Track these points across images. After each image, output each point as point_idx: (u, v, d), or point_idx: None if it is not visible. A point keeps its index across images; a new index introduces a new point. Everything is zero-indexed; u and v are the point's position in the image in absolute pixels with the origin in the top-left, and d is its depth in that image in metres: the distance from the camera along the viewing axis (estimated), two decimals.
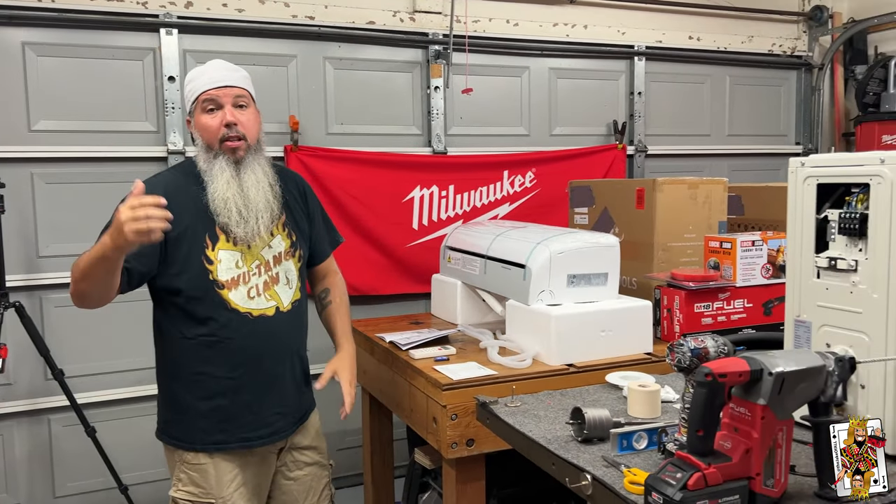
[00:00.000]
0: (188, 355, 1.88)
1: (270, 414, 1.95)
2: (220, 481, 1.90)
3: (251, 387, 1.91)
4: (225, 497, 1.90)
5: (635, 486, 1.25)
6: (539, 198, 3.68)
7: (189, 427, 1.90)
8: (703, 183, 2.63)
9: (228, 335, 1.87)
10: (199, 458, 1.90)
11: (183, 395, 1.90)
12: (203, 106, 1.87)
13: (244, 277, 1.89)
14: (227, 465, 1.91)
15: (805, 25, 4.39)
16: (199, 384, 1.88)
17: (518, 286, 2.29)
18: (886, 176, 1.35)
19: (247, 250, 1.89)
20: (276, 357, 1.95)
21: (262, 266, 1.92)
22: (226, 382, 1.88)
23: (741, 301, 2.36)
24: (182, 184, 1.88)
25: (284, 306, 1.96)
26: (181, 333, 1.88)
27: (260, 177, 1.91)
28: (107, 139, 3.01)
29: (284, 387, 1.98)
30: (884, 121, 3.97)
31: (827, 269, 1.48)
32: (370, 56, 3.39)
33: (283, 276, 1.97)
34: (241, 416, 1.91)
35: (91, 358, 3.02)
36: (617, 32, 3.89)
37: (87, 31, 2.95)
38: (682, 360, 1.35)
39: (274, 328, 1.93)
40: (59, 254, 2.96)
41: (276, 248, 1.96)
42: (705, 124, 4.18)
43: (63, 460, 3.02)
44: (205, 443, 1.89)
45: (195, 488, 1.90)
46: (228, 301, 1.86)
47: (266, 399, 1.93)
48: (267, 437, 1.95)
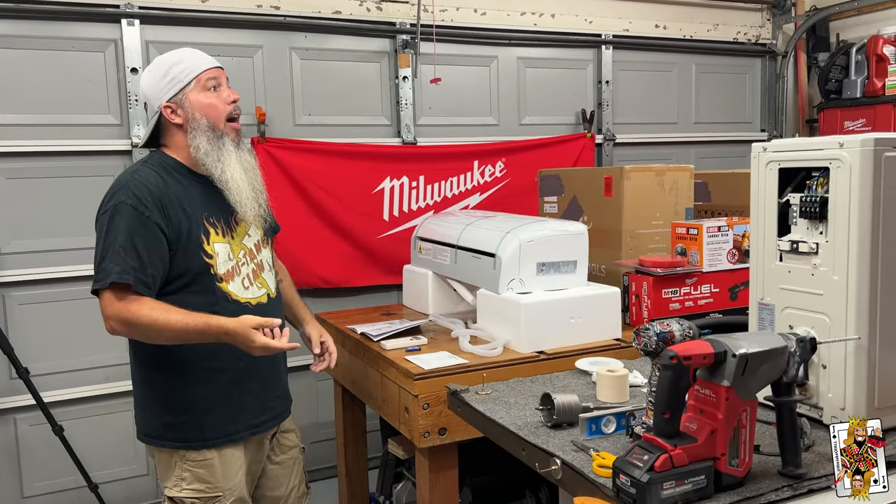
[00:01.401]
0: (192, 353, 1.82)
1: (272, 398, 1.98)
2: (226, 473, 1.88)
3: (256, 375, 1.91)
4: (232, 487, 1.89)
5: (604, 469, 1.27)
6: (509, 187, 3.69)
7: (196, 424, 1.85)
8: (670, 170, 2.66)
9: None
10: (205, 454, 1.86)
11: (188, 394, 1.85)
12: (206, 84, 1.84)
13: (236, 269, 1.88)
14: (232, 457, 1.90)
15: (769, 13, 4.45)
16: (208, 379, 1.85)
17: (488, 275, 2.30)
18: (845, 160, 1.37)
19: (232, 241, 1.88)
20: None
21: (248, 255, 1.92)
22: (234, 374, 1.87)
23: (708, 286, 2.40)
24: (166, 183, 1.81)
25: (273, 292, 1.98)
26: None
27: (250, 158, 1.93)
28: (69, 133, 2.95)
29: (279, 371, 2.02)
30: (846, 107, 4.04)
31: (789, 252, 1.50)
32: (337, 46, 3.36)
33: (265, 263, 1.98)
34: (249, 405, 1.91)
35: (57, 356, 2.96)
36: (584, 21, 3.90)
37: (47, 23, 2.89)
38: (649, 344, 1.37)
39: (269, 314, 1.88)
40: (21, 250, 2.90)
41: (254, 236, 1.95)
42: (672, 112, 4.22)
43: (31, 460, 2.96)
44: (215, 437, 1.86)
45: (201, 485, 1.86)
46: (229, 293, 1.85)
47: (268, 385, 1.96)
48: (270, 421, 1.99)
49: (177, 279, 1.80)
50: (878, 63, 3.88)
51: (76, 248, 2.93)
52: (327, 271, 3.35)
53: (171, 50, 1.92)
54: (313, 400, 3.39)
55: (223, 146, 1.84)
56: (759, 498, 1.19)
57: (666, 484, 1.14)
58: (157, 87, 1.84)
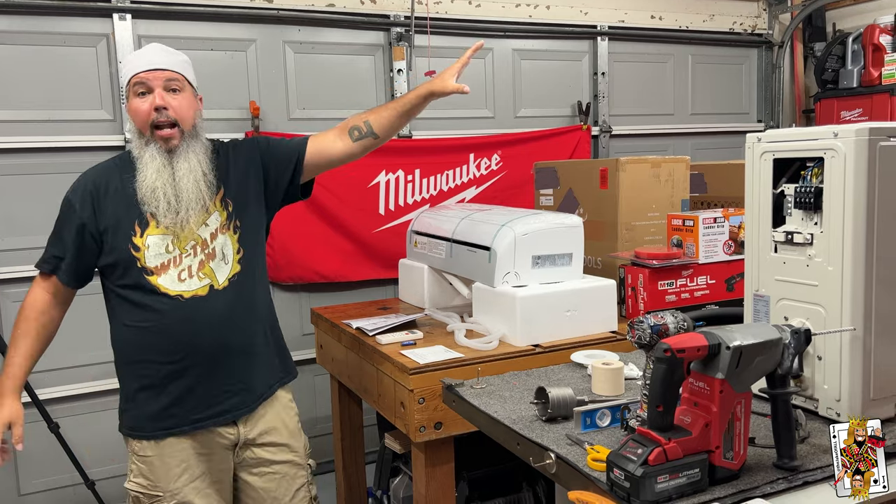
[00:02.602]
0: (130, 343, 1.88)
1: (219, 392, 1.89)
2: (167, 474, 1.87)
3: (193, 369, 1.86)
4: (173, 491, 1.87)
5: (598, 463, 1.26)
6: (505, 180, 3.67)
7: (138, 415, 1.88)
8: (666, 162, 2.64)
9: (162, 320, 1.83)
10: (146, 449, 1.88)
11: (130, 384, 1.90)
12: (134, 90, 1.83)
13: (175, 261, 1.85)
14: (174, 459, 1.87)
15: (765, 3, 4.43)
16: (143, 371, 1.87)
17: (484, 269, 2.29)
18: (840, 150, 1.36)
19: (180, 232, 1.85)
20: (216, 336, 1.87)
21: (199, 245, 1.87)
22: (168, 367, 1.85)
23: (704, 278, 2.39)
24: (113, 174, 1.88)
25: (220, 283, 1.88)
26: (123, 322, 1.88)
27: (193, 165, 1.85)
28: (62, 129, 2.93)
29: (231, 364, 1.90)
30: (842, 97, 4.03)
31: (784, 243, 1.49)
32: (331, 39, 3.34)
33: (220, 251, 1.90)
34: (188, 399, 1.87)
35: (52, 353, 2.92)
36: (579, 13, 3.88)
37: (38, 18, 2.86)
38: (643, 336, 1.36)
39: (209, 308, 1.86)
40: (15, 247, 2.88)
41: (212, 224, 1.90)
42: (668, 103, 4.20)
43: (27, 457, 2.95)
44: (154, 430, 1.87)
45: (144, 480, 1.89)
46: (158, 286, 1.83)
47: (212, 379, 1.88)
48: (219, 416, 1.89)
49: (112, 268, 1.87)
50: (875, 52, 3.86)
51: None
52: (323, 266, 3.34)
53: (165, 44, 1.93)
54: (310, 395, 3.38)
55: (145, 153, 1.83)
56: (754, 490, 1.18)
57: (660, 477, 1.14)
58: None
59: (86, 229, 1.85)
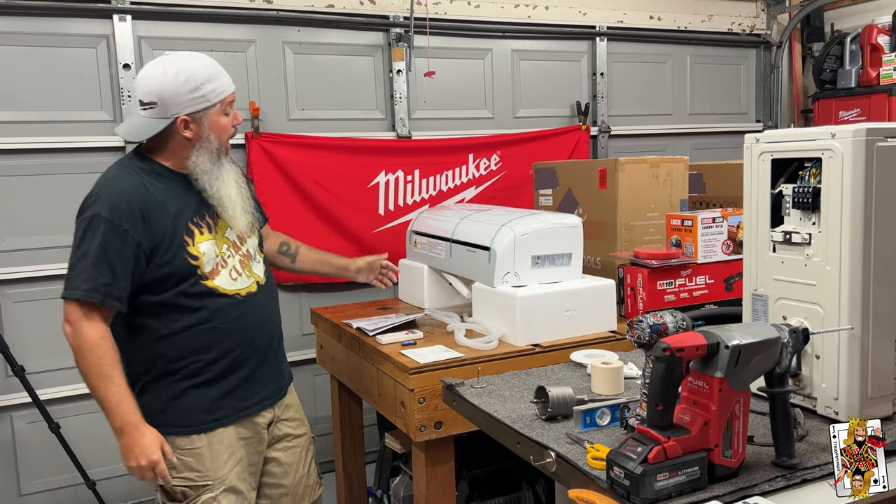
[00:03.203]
0: (180, 348, 1.86)
1: (261, 382, 2.01)
2: (215, 462, 1.91)
3: (249, 361, 1.96)
4: (222, 476, 1.92)
5: (598, 461, 1.27)
6: (504, 180, 3.68)
7: (187, 410, 1.90)
8: (665, 162, 2.65)
9: (222, 320, 1.89)
10: (195, 442, 1.90)
11: (177, 384, 1.89)
12: (227, 108, 1.89)
13: (222, 263, 1.92)
14: (222, 446, 1.93)
15: (763, 4, 4.44)
16: (194, 369, 1.89)
17: (483, 268, 2.30)
18: (837, 150, 1.37)
19: (216, 236, 1.91)
20: (265, 329, 2.01)
21: (231, 247, 1.95)
22: (224, 363, 1.91)
23: (703, 277, 2.40)
24: (148, 190, 1.83)
25: (262, 279, 2.02)
26: (169, 329, 1.86)
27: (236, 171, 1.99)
28: (62, 129, 2.94)
29: (272, 355, 2.05)
30: (840, 97, 4.04)
31: (782, 243, 1.50)
32: (330, 40, 3.35)
33: (252, 251, 2.02)
34: (239, 390, 1.96)
35: (52, 353, 2.95)
36: (578, 13, 3.89)
37: (38, 19, 2.87)
38: (642, 336, 1.37)
39: (260, 303, 1.99)
40: (15, 248, 2.89)
41: (241, 225, 1.98)
42: (667, 104, 4.21)
43: (28, 457, 2.96)
44: (205, 422, 1.91)
45: (191, 473, 1.90)
46: (216, 288, 1.89)
47: (260, 370, 2.00)
48: (259, 403, 2.01)
49: (161, 281, 1.83)
50: (873, 53, 3.88)
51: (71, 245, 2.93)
52: None
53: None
54: (310, 395, 3.39)
55: (221, 166, 1.90)
56: (752, 488, 1.19)
57: (660, 475, 1.15)
58: (179, 96, 1.81)
59: (140, 249, 1.79)
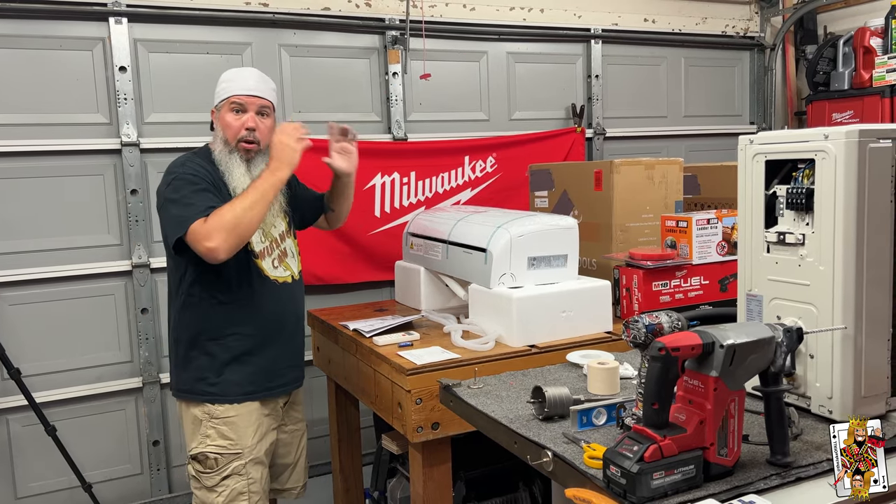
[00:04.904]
0: (222, 317, 2.11)
1: (286, 367, 2.24)
2: (245, 433, 2.13)
3: (275, 344, 2.19)
4: (251, 446, 2.14)
5: (594, 460, 1.28)
6: (500, 182, 3.69)
7: (224, 381, 2.12)
8: (660, 163, 2.67)
9: (261, 299, 2.14)
10: (229, 411, 2.12)
11: (218, 353, 2.12)
12: (231, 106, 2.13)
13: (268, 250, 2.19)
14: (250, 418, 2.15)
15: (757, 6, 4.46)
16: (237, 343, 2.12)
17: (480, 270, 2.31)
18: (830, 151, 1.38)
19: (264, 226, 2.17)
20: (293, 318, 2.26)
21: (274, 243, 2.22)
22: (259, 340, 2.15)
23: (698, 278, 2.41)
24: (210, 172, 2.10)
25: (296, 275, 2.28)
26: (216, 298, 2.10)
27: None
28: (58, 132, 2.93)
29: (296, 344, 2.29)
30: (833, 99, 4.06)
31: (776, 243, 1.51)
32: (326, 43, 3.36)
33: (289, 250, 2.28)
34: (267, 370, 2.18)
35: (48, 356, 2.95)
36: (573, 16, 3.91)
37: (34, 22, 2.87)
38: (638, 336, 1.38)
39: (292, 294, 2.25)
40: (10, 251, 2.88)
41: (279, 227, 2.25)
42: (662, 106, 4.23)
43: (24, 460, 2.96)
44: (236, 394, 2.13)
45: (224, 440, 2.12)
46: (262, 269, 2.16)
47: (286, 355, 2.24)
48: (283, 386, 2.25)
49: None
50: (866, 55, 3.90)
51: (67, 247, 2.93)
52: (319, 268, 3.35)
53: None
54: (307, 397, 3.37)
55: (231, 160, 2.12)
56: (747, 486, 1.20)
57: (656, 474, 1.16)
58: (215, 92, 2.19)
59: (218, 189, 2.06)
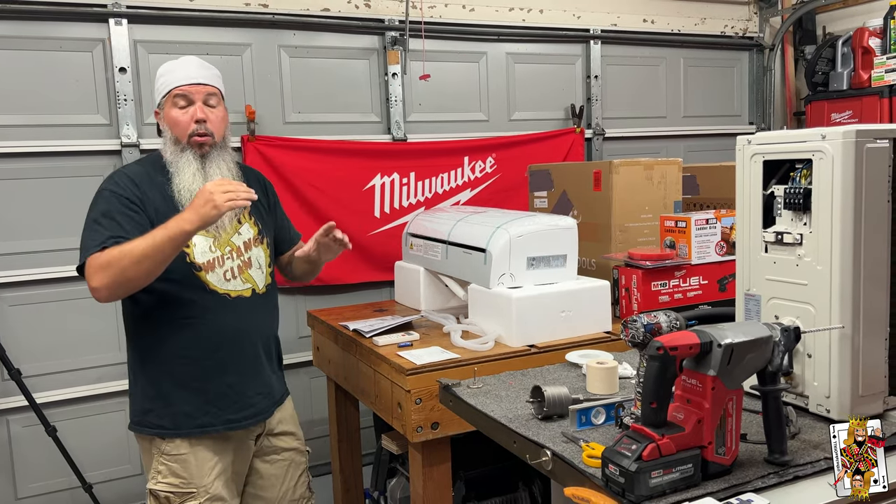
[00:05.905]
0: (169, 340, 1.91)
1: (253, 395, 2.01)
2: (200, 470, 1.93)
3: (233, 368, 1.97)
4: (206, 485, 1.93)
5: (593, 459, 1.28)
6: (500, 183, 3.70)
7: (172, 413, 1.92)
8: (659, 164, 2.67)
9: (209, 316, 1.92)
10: (180, 447, 1.92)
11: (164, 381, 1.93)
12: (175, 101, 1.95)
13: (219, 261, 1.96)
14: (207, 454, 1.94)
15: (756, 7, 4.47)
16: (183, 368, 1.92)
17: (479, 270, 2.31)
18: (828, 151, 1.39)
19: (218, 236, 1.97)
20: (255, 337, 2.02)
21: (234, 251, 2.00)
22: (209, 363, 1.93)
23: (697, 278, 2.42)
24: (150, 175, 1.94)
25: (260, 289, 2.05)
26: (160, 319, 1.91)
27: (224, 171, 1.98)
28: (58, 133, 2.94)
29: (263, 368, 2.05)
30: (832, 99, 4.07)
31: (774, 243, 1.52)
32: (326, 43, 3.36)
33: (255, 260, 2.05)
34: (225, 398, 1.96)
35: (48, 356, 2.96)
36: (572, 17, 3.91)
37: (34, 23, 2.87)
38: (636, 335, 1.38)
39: (251, 309, 2.01)
40: (9, 252, 2.89)
41: (244, 234, 2.04)
42: (661, 106, 4.24)
43: (24, 461, 2.96)
44: (189, 427, 1.92)
45: (175, 479, 1.93)
46: (207, 283, 1.93)
47: (248, 380, 2.00)
48: (251, 419, 2.02)
49: None
50: (864, 55, 3.90)
51: (67, 248, 2.93)
52: None
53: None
54: (307, 397, 3.39)
55: (182, 159, 1.95)
56: (745, 485, 1.21)
57: (654, 472, 1.16)
58: (154, 89, 2.03)
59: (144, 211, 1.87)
